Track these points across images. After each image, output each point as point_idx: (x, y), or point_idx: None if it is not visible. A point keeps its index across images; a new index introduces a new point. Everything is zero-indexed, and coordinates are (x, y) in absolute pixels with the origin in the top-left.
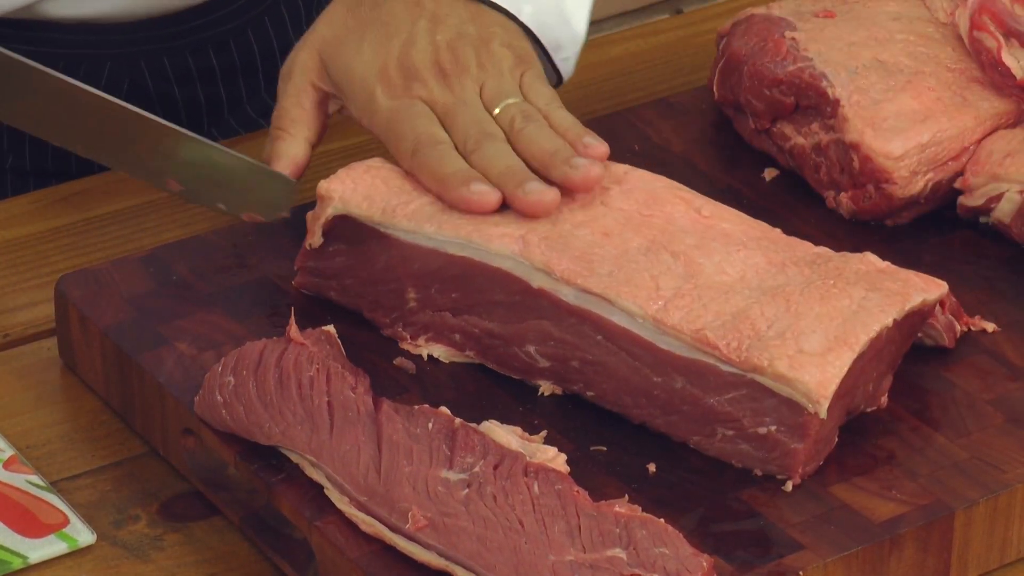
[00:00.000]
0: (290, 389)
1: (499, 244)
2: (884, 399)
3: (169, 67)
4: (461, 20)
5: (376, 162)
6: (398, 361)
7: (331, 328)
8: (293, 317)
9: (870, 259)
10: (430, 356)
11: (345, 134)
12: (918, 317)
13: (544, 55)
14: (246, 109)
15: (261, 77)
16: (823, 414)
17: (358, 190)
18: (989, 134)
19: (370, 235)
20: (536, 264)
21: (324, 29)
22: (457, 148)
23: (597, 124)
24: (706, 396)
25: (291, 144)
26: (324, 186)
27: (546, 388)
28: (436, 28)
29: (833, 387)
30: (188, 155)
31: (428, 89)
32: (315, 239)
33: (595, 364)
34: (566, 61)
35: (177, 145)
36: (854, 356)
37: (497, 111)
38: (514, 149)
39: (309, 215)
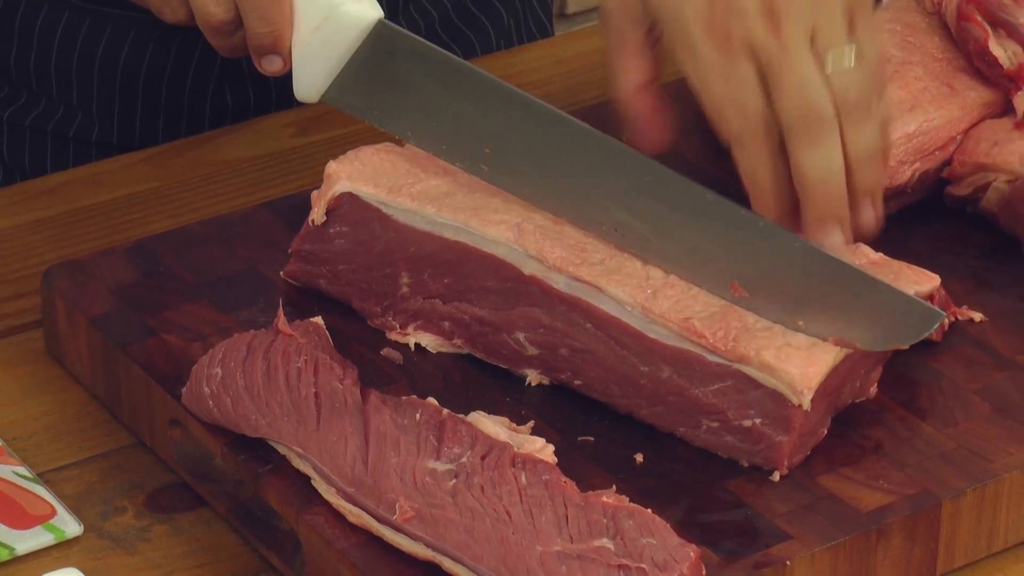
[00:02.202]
0: (277, 380)
1: (495, 230)
2: (873, 389)
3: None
4: None
5: (386, 146)
6: (385, 352)
7: (319, 319)
8: (281, 308)
9: (863, 251)
10: (417, 346)
11: (354, 119)
12: None
13: None
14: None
15: None
16: (806, 406)
17: (365, 170)
18: (976, 123)
19: (372, 216)
20: (529, 252)
21: None
22: (777, 111)
23: (585, 114)
24: (692, 387)
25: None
26: (332, 166)
27: (533, 377)
28: None
29: (818, 379)
30: (776, 257)
31: (751, 32)
32: (318, 216)
33: (583, 352)
34: None
35: (759, 242)
36: (840, 352)
37: (830, 69)
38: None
39: (314, 193)
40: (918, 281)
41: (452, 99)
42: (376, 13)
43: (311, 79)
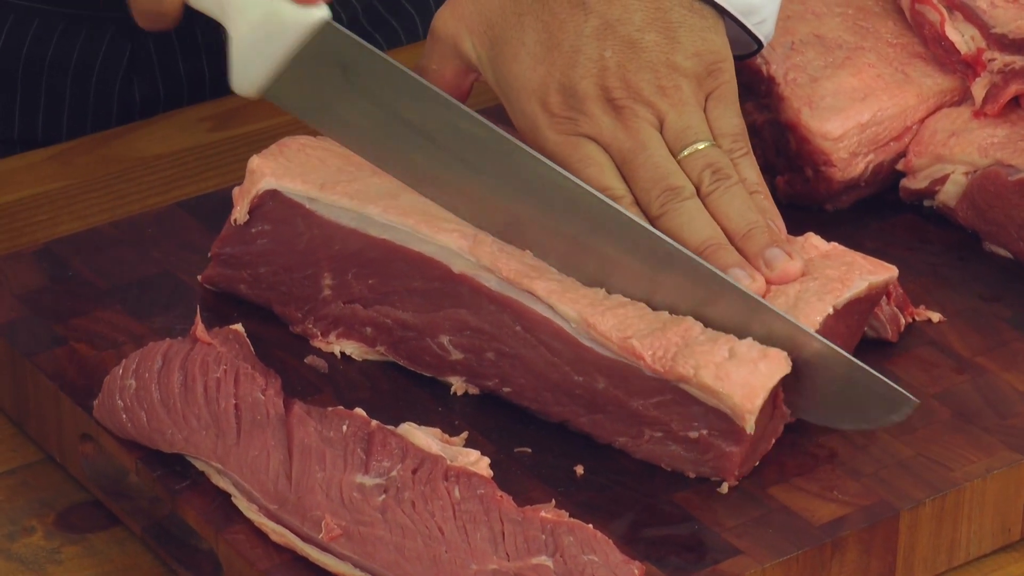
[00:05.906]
0: (195, 392)
1: (447, 238)
2: None
3: (175, 37)
4: (635, 26)
5: (309, 140)
6: (310, 359)
7: (239, 326)
8: (199, 315)
9: (813, 241)
10: (343, 354)
11: (275, 112)
12: (866, 303)
13: (735, 22)
14: None
15: None
16: (750, 430)
17: (291, 165)
18: (932, 112)
19: (296, 213)
20: (483, 263)
21: (482, 4)
22: (640, 204)
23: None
24: (630, 399)
25: None
26: (255, 161)
27: (458, 386)
28: (605, 38)
29: (760, 401)
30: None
31: (597, 126)
32: (241, 214)
33: (512, 357)
34: (763, 24)
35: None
36: (785, 371)
37: (684, 154)
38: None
39: (236, 190)
40: (873, 271)
41: (395, 108)
42: (322, 13)
43: (249, 73)
